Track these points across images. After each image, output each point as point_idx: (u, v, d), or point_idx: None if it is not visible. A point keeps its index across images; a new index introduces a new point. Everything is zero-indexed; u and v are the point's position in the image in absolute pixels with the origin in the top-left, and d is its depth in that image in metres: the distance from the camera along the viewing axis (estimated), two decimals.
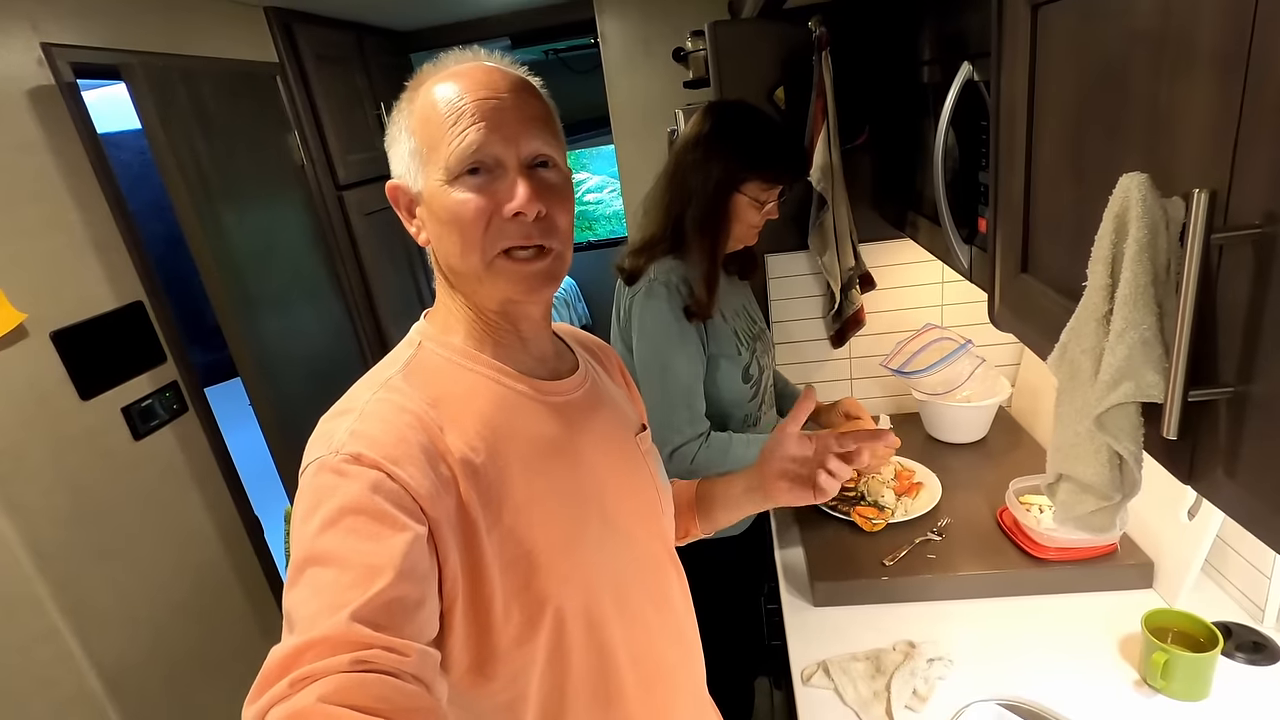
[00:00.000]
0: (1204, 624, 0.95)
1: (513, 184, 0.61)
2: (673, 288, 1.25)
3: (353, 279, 2.66)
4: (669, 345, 1.25)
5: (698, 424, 1.27)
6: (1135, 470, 0.50)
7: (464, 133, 0.60)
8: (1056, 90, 0.63)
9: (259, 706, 0.45)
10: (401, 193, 0.67)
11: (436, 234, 0.65)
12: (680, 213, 1.28)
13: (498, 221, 0.61)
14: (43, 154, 1.56)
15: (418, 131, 0.63)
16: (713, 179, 1.24)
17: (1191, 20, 0.43)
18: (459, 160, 0.60)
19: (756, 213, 1.28)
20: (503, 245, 0.62)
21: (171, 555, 1.79)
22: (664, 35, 2.90)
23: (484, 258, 0.62)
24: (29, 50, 1.54)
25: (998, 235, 0.80)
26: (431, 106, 0.62)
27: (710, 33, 1.62)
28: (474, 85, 0.61)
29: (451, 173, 0.60)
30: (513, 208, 0.60)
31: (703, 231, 1.26)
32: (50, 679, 1.47)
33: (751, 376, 1.36)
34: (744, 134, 1.25)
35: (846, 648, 1.11)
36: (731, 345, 1.32)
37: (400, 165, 0.66)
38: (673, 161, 1.30)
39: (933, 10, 1.13)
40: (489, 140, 0.60)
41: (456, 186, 0.61)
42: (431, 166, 0.62)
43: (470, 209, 0.60)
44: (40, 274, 1.52)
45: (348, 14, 2.67)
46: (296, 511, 0.56)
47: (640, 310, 1.26)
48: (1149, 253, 0.44)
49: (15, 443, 1.44)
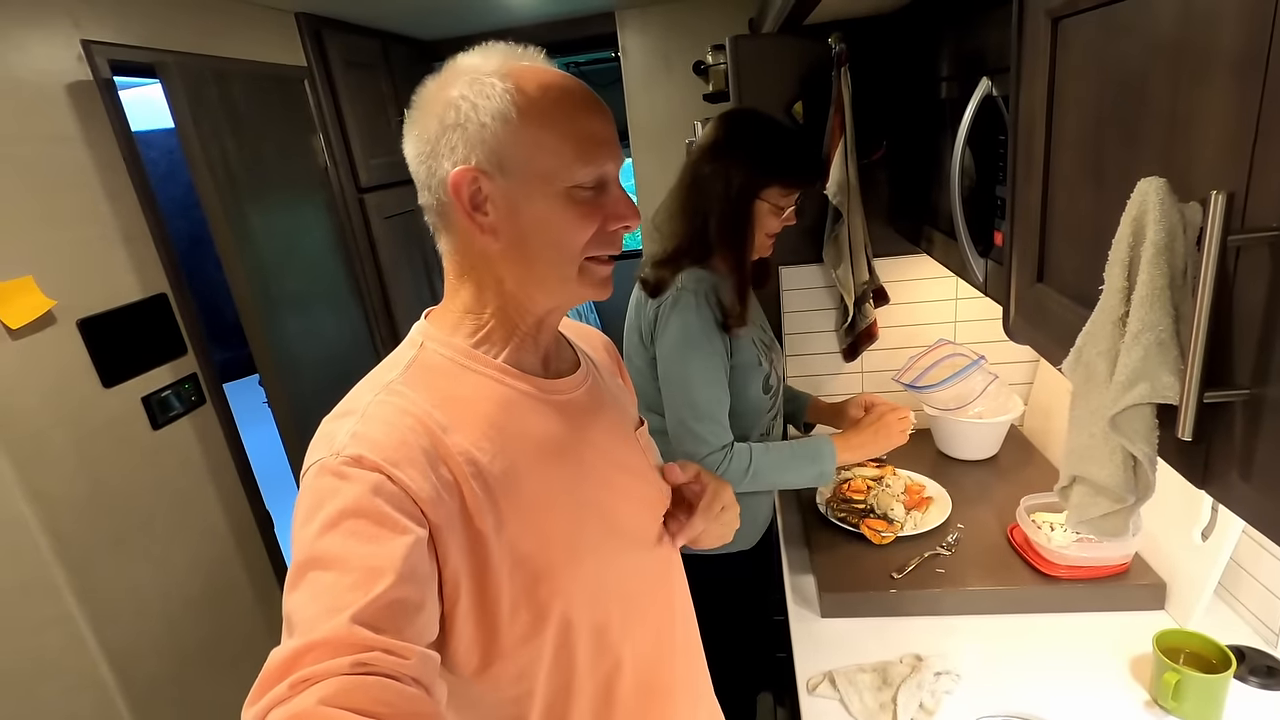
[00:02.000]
0: (1217, 646, 0.94)
1: (621, 199, 0.65)
2: (701, 296, 1.24)
3: (371, 281, 2.69)
4: (698, 355, 1.24)
5: (723, 435, 1.26)
6: (1149, 472, 0.50)
7: (591, 150, 0.62)
8: (1075, 100, 0.64)
9: (259, 708, 0.45)
10: (473, 182, 0.61)
11: (526, 234, 0.63)
12: (702, 223, 1.27)
13: (603, 231, 0.65)
14: (78, 147, 1.60)
15: (521, 129, 0.60)
16: (734, 186, 1.24)
17: (1210, 27, 0.44)
18: (585, 177, 0.63)
19: (776, 219, 1.28)
20: (598, 253, 0.65)
21: (184, 546, 1.80)
22: (684, 50, 2.94)
23: (577, 263, 0.65)
24: (70, 46, 1.59)
25: (1014, 245, 0.81)
26: (544, 109, 0.61)
27: (731, 47, 1.64)
28: (584, 101, 0.64)
29: (574, 184, 0.62)
30: (624, 223, 0.65)
31: (728, 241, 1.26)
32: (60, 664, 1.48)
33: (771, 387, 1.36)
34: (760, 140, 1.26)
35: (853, 659, 1.11)
36: (753, 355, 1.32)
37: (479, 156, 0.61)
38: (689, 172, 1.30)
39: (952, 28, 1.14)
40: (609, 160, 0.64)
41: (571, 195, 0.63)
42: (538, 170, 0.61)
43: (584, 220, 0.63)
44: (70, 263, 1.56)
45: (376, 22, 2.73)
46: (297, 513, 0.56)
47: (667, 318, 1.25)
48: (1166, 255, 0.45)
49: (39, 428, 1.47)
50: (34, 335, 1.47)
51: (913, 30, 1.37)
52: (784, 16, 1.46)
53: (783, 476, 1.30)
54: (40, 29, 1.53)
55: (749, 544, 1.44)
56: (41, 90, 1.53)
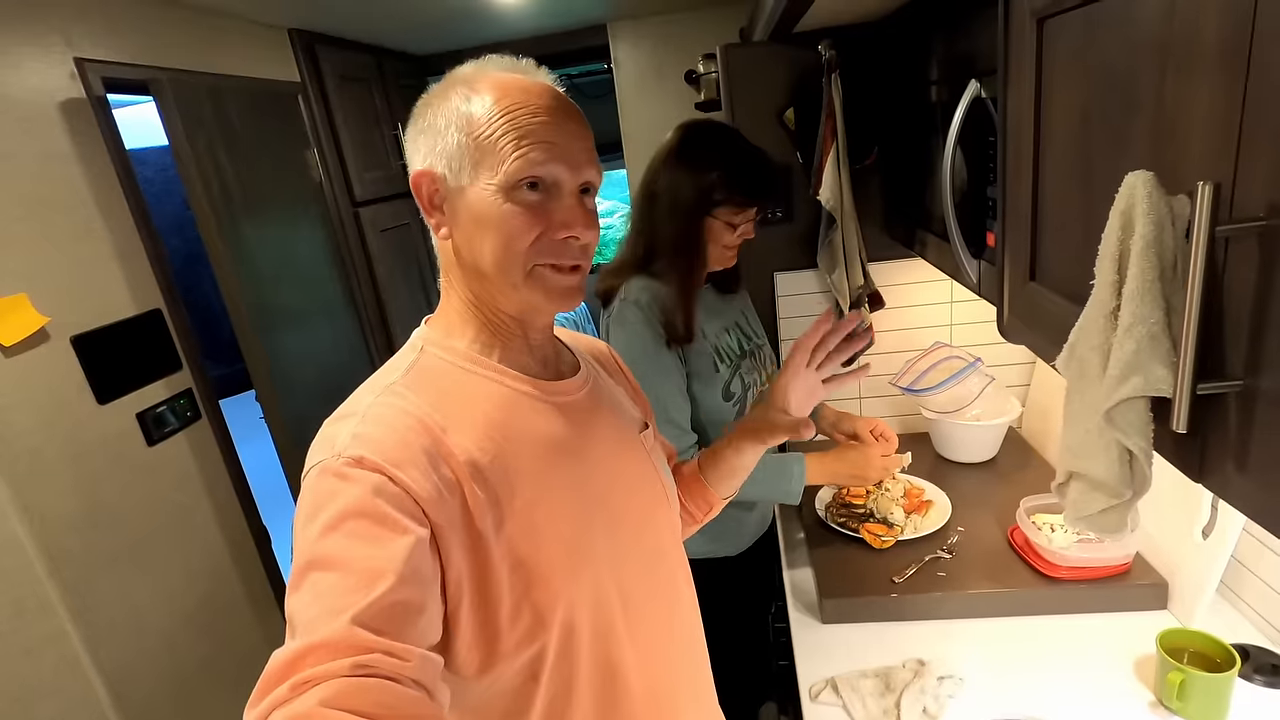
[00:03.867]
0: (1221, 644, 0.93)
1: (570, 208, 0.63)
2: (644, 307, 1.22)
3: (367, 295, 2.69)
4: (642, 361, 1.20)
5: (684, 437, 1.25)
6: (1145, 466, 0.50)
7: (530, 148, 0.61)
8: (1062, 98, 0.64)
9: (260, 710, 0.45)
10: (430, 183, 0.64)
11: (471, 235, 0.64)
12: (652, 234, 1.26)
13: (547, 238, 0.63)
14: (72, 164, 1.60)
15: (470, 130, 0.61)
16: (683, 201, 1.21)
17: (1193, 20, 0.44)
18: (520, 173, 0.61)
19: (731, 234, 1.25)
20: (546, 260, 0.64)
21: (180, 563, 1.79)
22: (676, 60, 2.96)
23: (524, 268, 0.63)
24: (63, 64, 1.59)
25: (1006, 245, 0.81)
26: (494, 110, 0.61)
27: (722, 55, 1.65)
28: (543, 104, 0.62)
29: (510, 182, 0.61)
30: (570, 232, 0.63)
31: (677, 254, 1.24)
32: (55, 684, 1.47)
33: (734, 394, 1.33)
34: (714, 155, 1.23)
35: (855, 665, 1.10)
36: (709, 363, 1.30)
37: (435, 157, 0.63)
38: (644, 182, 1.28)
39: (941, 32, 1.15)
40: (555, 162, 0.62)
41: (511, 196, 0.61)
42: (483, 169, 0.61)
43: (523, 222, 0.62)
44: (64, 280, 1.55)
45: (368, 37, 2.74)
46: (298, 515, 0.56)
47: (613, 334, 1.24)
48: (1155, 248, 0.45)
49: (33, 445, 1.46)
50: (28, 352, 1.46)
51: (902, 35, 1.38)
52: (774, 25, 1.47)
53: (748, 487, 1.28)
54: (33, 47, 1.54)
55: (735, 550, 1.42)
56: (35, 108, 1.53)
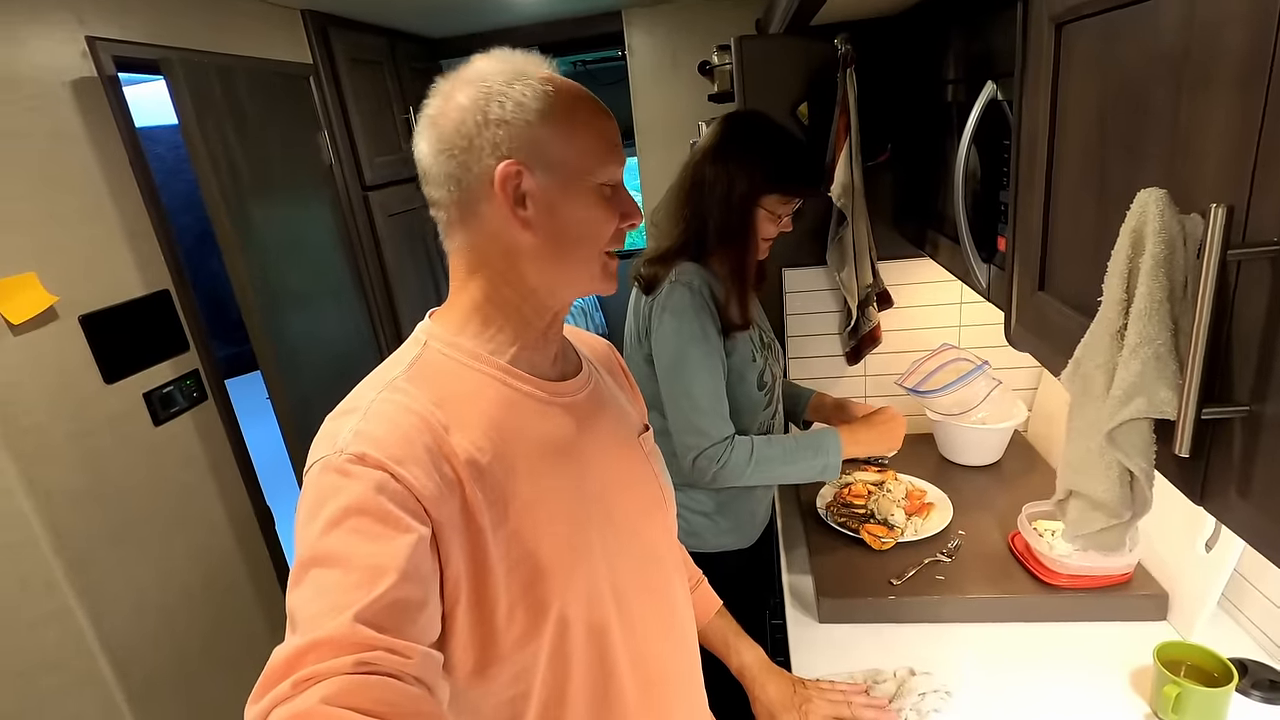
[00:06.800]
0: (1219, 658, 0.93)
1: (629, 199, 0.69)
2: (695, 290, 1.24)
3: (375, 279, 2.69)
4: (693, 347, 1.23)
5: (723, 428, 1.25)
6: (1146, 488, 0.49)
7: (615, 153, 0.67)
8: (1077, 107, 0.63)
9: (262, 707, 0.45)
10: (519, 176, 0.62)
11: (559, 231, 0.65)
12: (701, 225, 1.27)
13: (618, 229, 0.69)
14: (82, 143, 1.60)
15: (562, 135, 0.63)
16: (736, 192, 1.23)
17: (1213, 38, 0.43)
18: (613, 177, 0.67)
19: (774, 225, 1.28)
20: (613, 248, 0.69)
21: (184, 543, 1.81)
22: (691, 48, 2.93)
23: (601, 258, 0.69)
24: (74, 42, 1.59)
25: (1016, 253, 0.80)
26: (583, 117, 0.65)
27: (736, 47, 1.63)
28: (597, 105, 0.68)
29: (602, 181, 0.66)
30: (632, 221, 0.69)
31: (729, 245, 1.25)
32: (59, 660, 1.49)
33: (766, 384, 1.35)
34: (765, 147, 1.25)
35: (850, 666, 1.10)
36: (749, 351, 1.31)
37: (525, 151, 0.62)
38: (690, 173, 1.29)
39: (959, 31, 1.13)
40: (621, 162, 0.69)
41: (600, 192, 0.66)
42: (579, 170, 0.65)
43: (607, 215, 0.67)
44: (73, 259, 1.56)
45: (382, 19, 2.73)
46: (300, 511, 0.56)
47: (660, 312, 1.25)
48: (1165, 268, 0.44)
49: (40, 423, 1.47)
50: (36, 331, 1.47)
51: (919, 32, 1.36)
52: (790, 17, 1.45)
53: (787, 469, 1.29)
54: (44, 26, 1.54)
55: (748, 542, 1.43)
56: (45, 87, 1.53)
